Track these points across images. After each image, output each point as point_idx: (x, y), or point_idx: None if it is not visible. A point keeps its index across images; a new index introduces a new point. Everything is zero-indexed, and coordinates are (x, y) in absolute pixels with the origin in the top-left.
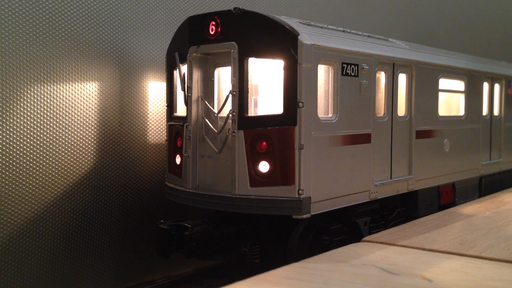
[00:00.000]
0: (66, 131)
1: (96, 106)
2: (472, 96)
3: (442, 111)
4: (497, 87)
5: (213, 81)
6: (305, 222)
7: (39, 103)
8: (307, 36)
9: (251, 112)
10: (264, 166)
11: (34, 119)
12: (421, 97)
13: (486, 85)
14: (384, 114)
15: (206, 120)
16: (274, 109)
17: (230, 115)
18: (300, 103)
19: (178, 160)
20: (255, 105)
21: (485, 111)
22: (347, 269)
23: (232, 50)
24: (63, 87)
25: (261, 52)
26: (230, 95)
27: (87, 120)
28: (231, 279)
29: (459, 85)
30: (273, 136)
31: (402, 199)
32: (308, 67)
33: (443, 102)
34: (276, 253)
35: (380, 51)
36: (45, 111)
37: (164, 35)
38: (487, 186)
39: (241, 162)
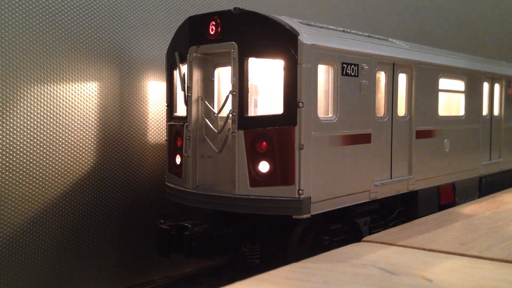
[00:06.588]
0: (66, 131)
1: (96, 106)
2: (472, 96)
3: (442, 111)
4: (497, 87)
5: (213, 81)
6: (305, 222)
7: (39, 103)
8: (307, 36)
9: (251, 112)
10: (264, 166)
11: (34, 119)
12: (421, 97)
13: (486, 85)
14: (384, 114)
15: (206, 120)
16: (274, 109)
17: (230, 115)
18: (300, 103)
19: (178, 160)
20: (255, 105)
21: (485, 111)
22: (347, 269)
23: (232, 50)
24: (63, 87)
25: (261, 52)
26: (230, 95)
27: (87, 120)
28: (231, 279)
29: (459, 85)
30: (273, 136)
31: (402, 199)
32: (308, 67)
33: (443, 102)
34: (276, 253)
35: (380, 51)
36: (45, 111)
37: (164, 35)
38: (487, 186)
39: (241, 162)
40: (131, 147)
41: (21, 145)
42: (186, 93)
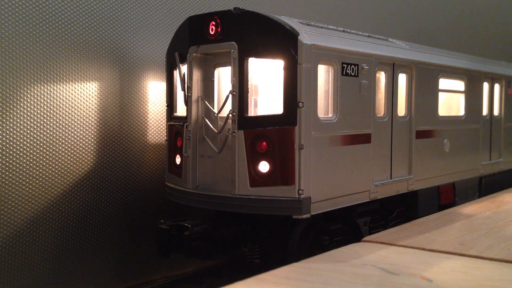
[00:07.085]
0: (66, 131)
1: (96, 106)
2: (472, 96)
3: (442, 111)
4: (497, 87)
5: (213, 81)
6: (305, 222)
7: (39, 103)
8: (307, 36)
9: (251, 112)
10: (264, 166)
11: (34, 119)
12: (421, 97)
13: (486, 85)
14: (384, 114)
15: (206, 120)
16: (274, 109)
17: (230, 115)
18: (300, 103)
19: (178, 160)
20: (255, 105)
21: (485, 111)
22: (347, 269)
23: (232, 50)
24: (63, 87)
25: (261, 52)
26: (230, 95)
27: (87, 120)
28: (231, 279)
29: (459, 85)
30: (273, 136)
31: (402, 199)
32: (308, 67)
33: (443, 102)
34: (276, 253)
35: (380, 51)
36: (45, 111)
37: (164, 35)
38: (487, 186)
39: (241, 162)
40: (131, 147)
41: (21, 145)
42: (186, 93)
